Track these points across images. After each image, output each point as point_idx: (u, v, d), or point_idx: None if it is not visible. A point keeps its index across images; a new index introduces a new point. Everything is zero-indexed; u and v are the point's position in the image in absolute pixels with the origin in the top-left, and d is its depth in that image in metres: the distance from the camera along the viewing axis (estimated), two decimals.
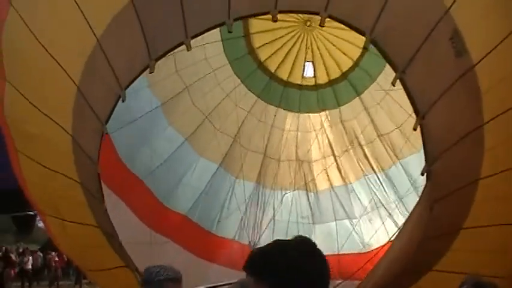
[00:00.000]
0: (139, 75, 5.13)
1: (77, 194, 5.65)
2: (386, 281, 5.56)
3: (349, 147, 8.85)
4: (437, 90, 4.21)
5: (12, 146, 6.24)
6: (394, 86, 4.80)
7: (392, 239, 6.60)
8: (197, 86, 8.12)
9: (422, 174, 4.76)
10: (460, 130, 4.16)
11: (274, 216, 8.72)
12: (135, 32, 4.80)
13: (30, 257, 22.58)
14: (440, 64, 4.33)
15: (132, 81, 5.16)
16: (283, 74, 8.66)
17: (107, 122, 5.35)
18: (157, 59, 4.97)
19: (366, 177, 8.73)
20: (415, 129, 4.63)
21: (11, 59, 5.66)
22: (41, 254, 24.33)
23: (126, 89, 5.13)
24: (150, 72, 5.08)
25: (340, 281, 7.06)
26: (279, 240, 1.72)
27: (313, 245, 1.66)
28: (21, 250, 25.91)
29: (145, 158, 7.97)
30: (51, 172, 5.64)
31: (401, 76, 4.49)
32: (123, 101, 5.21)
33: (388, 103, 8.11)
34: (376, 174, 8.64)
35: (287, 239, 1.67)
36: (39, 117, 5.30)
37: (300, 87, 8.74)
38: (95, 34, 4.67)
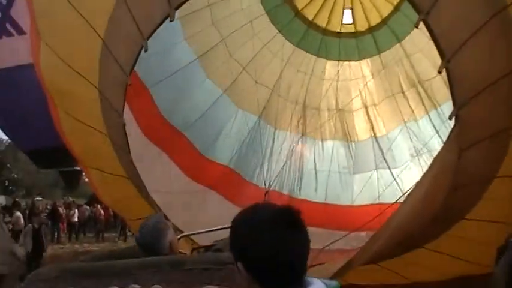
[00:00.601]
0: (160, 24, 5.25)
1: (108, 146, 5.91)
2: (409, 226, 5.55)
3: (390, 94, 8.74)
4: (465, 32, 4.03)
5: (52, 102, 6.53)
6: (417, 27, 4.70)
7: None
8: (234, 38, 8.13)
9: (450, 118, 4.65)
10: (491, 74, 3.99)
11: (315, 166, 8.81)
12: None
13: (76, 210, 23.60)
14: (469, 4, 4.15)
15: (154, 30, 5.27)
16: (322, 22, 8.55)
17: (130, 73, 5.52)
18: (176, 8, 5.06)
19: (407, 124, 8.62)
20: (440, 72, 4.55)
21: (42, 18, 5.88)
22: (88, 207, 25.34)
23: (148, 39, 5.24)
24: (171, 21, 5.21)
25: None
26: (256, 207, 1.58)
27: (294, 221, 1.49)
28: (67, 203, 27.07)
29: (184, 111, 8.15)
30: (85, 126, 5.91)
31: (425, 17, 4.37)
32: (145, 51, 5.35)
33: (430, 49, 7.93)
34: (416, 122, 8.54)
35: (270, 209, 1.52)
36: (70, 73, 5.53)
37: (338, 34, 8.61)
38: None
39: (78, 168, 22.50)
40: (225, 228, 4.54)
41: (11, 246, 7.92)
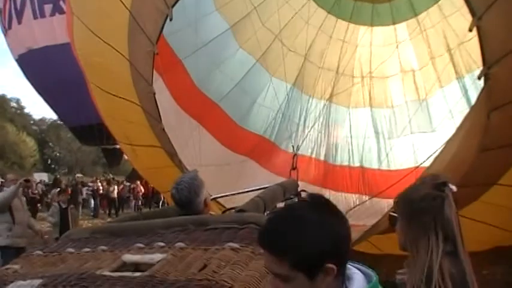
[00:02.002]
0: None
1: (139, 117, 6.16)
2: None
3: (428, 59, 8.66)
4: None
5: (87, 78, 6.87)
6: None
7: None
8: (265, 6, 8.21)
9: (479, 78, 4.57)
10: None
11: (350, 133, 8.92)
12: None
13: (116, 187, 24.39)
14: None
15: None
16: None
17: (157, 42, 5.70)
18: None
19: (445, 89, 8.53)
20: (470, 30, 4.47)
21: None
22: (127, 184, 26.12)
23: (172, 7, 5.45)
24: None
25: None
26: (291, 208, 1.56)
27: (327, 205, 1.47)
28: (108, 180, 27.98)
29: (218, 82, 8.36)
30: (117, 98, 6.21)
31: None
32: (170, 19, 5.53)
33: None
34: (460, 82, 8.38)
35: (298, 201, 1.48)
36: (100, 45, 5.81)
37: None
38: None
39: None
40: (254, 190, 4.78)
41: (29, 219, 8.36)
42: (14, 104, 58.08)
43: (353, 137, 8.96)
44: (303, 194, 4.82)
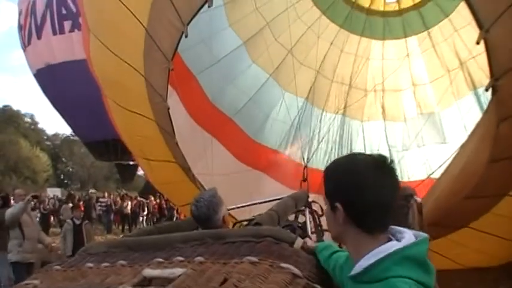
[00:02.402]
0: (199, 10, 5.59)
1: (154, 132, 6.31)
2: (448, 201, 5.58)
3: (441, 72, 8.73)
4: (503, 2, 4.02)
5: (104, 93, 7.04)
6: None
7: None
8: (278, 22, 8.36)
9: (486, 89, 4.66)
10: None
11: (364, 146, 8.99)
12: None
13: (129, 202, 24.54)
14: None
15: (193, 16, 5.61)
16: (365, 2, 8.65)
17: (172, 58, 5.86)
18: None
19: (458, 102, 8.59)
20: (478, 42, 4.54)
21: (90, 12, 6.38)
22: (143, 199, 26.26)
23: (188, 24, 5.59)
24: (209, 7, 5.52)
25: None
26: (354, 155, 1.82)
27: (388, 164, 1.70)
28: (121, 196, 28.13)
29: (232, 97, 8.50)
30: (133, 114, 6.36)
31: None
32: (185, 36, 5.67)
33: None
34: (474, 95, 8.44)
35: (368, 158, 1.72)
36: (117, 62, 5.98)
37: (383, 13, 8.69)
38: None
39: (134, 162, 23.62)
40: (264, 202, 4.88)
41: (39, 234, 8.46)
42: (28, 120, 58.75)
43: (367, 150, 9.00)
44: (314, 206, 4.99)
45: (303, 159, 8.14)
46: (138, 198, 26.91)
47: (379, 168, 1.67)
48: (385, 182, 1.66)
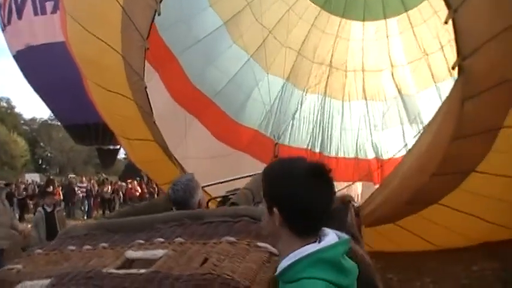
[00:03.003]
0: None
1: (134, 111, 6.34)
2: (414, 179, 5.68)
3: (419, 54, 8.85)
4: None
5: (83, 74, 7.04)
6: None
7: None
8: (258, 2, 8.36)
9: (453, 68, 4.78)
10: (496, 26, 4.10)
11: (343, 125, 9.14)
12: None
13: (109, 186, 24.43)
14: None
15: None
16: None
17: (147, 37, 5.86)
18: None
19: (437, 85, 8.71)
20: (446, 22, 4.65)
21: None
22: (123, 184, 26.17)
23: (160, 1, 5.66)
24: None
25: None
26: (292, 162, 1.84)
27: (324, 172, 1.75)
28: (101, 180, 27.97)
29: (213, 77, 8.55)
30: (112, 93, 6.39)
31: None
32: (158, 14, 5.72)
33: None
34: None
35: (305, 164, 1.77)
36: (95, 42, 6.00)
37: None
38: None
39: (117, 147, 23.51)
40: (239, 178, 4.98)
41: (12, 221, 8.46)
42: (4, 104, 57.76)
43: (346, 129, 9.16)
44: None
45: (273, 136, 8.35)
46: (119, 183, 26.83)
47: (315, 176, 1.72)
48: (320, 190, 1.72)
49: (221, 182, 5.39)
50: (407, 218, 6.07)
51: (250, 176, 4.65)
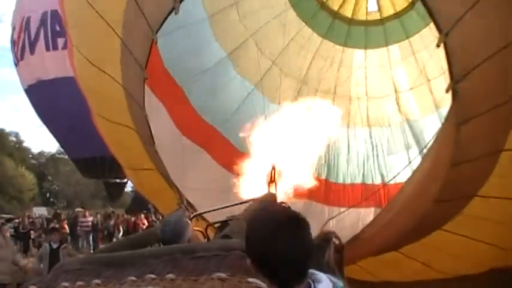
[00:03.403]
0: (166, 17, 5.71)
1: (136, 141, 6.46)
2: (414, 206, 5.70)
3: (422, 80, 8.95)
4: (464, 3, 4.09)
5: (90, 107, 7.20)
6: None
7: None
8: (261, 33, 8.57)
9: (446, 92, 4.74)
10: (489, 47, 4.11)
11: (348, 150, 9.21)
12: None
13: (115, 220, 24.49)
14: None
15: (161, 24, 5.76)
16: (347, 12, 8.89)
17: (145, 67, 5.99)
18: (181, 0, 5.49)
19: (439, 111, 8.75)
20: (438, 46, 4.64)
21: (72, 25, 6.57)
22: (129, 216, 26.22)
23: (157, 32, 5.76)
24: (176, 14, 5.60)
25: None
26: (266, 213, 1.92)
27: (299, 221, 1.79)
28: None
29: (218, 109, 8.67)
30: (115, 124, 6.50)
31: None
32: (155, 43, 5.85)
33: None
34: None
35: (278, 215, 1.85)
36: (98, 74, 6.16)
37: (365, 23, 8.93)
38: None
39: (124, 180, 23.67)
40: (235, 204, 5.05)
41: (14, 256, 8.49)
42: (12, 138, 58.42)
43: (353, 156, 9.23)
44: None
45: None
46: (126, 216, 26.85)
47: (290, 227, 1.75)
48: (295, 241, 1.73)
49: (215, 210, 5.50)
50: (410, 245, 6.06)
51: (244, 202, 4.74)
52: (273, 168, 6.81)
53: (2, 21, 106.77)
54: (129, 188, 32.16)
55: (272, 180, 6.54)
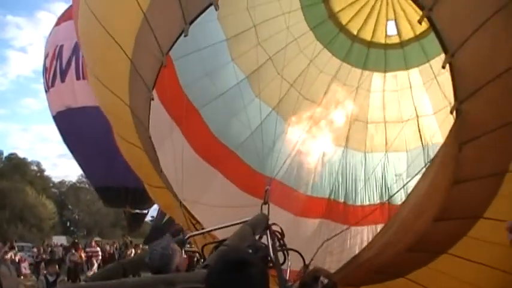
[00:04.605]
0: (176, 40, 5.83)
1: (147, 160, 6.60)
2: (414, 222, 5.68)
3: (444, 104, 8.92)
4: (469, 26, 4.19)
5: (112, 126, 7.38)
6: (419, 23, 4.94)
7: None
8: (280, 56, 8.68)
9: (451, 112, 4.86)
10: (494, 69, 4.19)
11: (365, 175, 9.21)
12: (172, 1, 5.49)
13: (133, 250, 24.55)
14: None
15: (171, 46, 5.89)
16: (366, 35, 9.02)
17: (153, 87, 6.14)
18: (191, 22, 5.58)
19: None
20: (443, 67, 4.74)
21: (86, 49, 6.79)
22: (146, 247, 26.28)
23: (166, 54, 5.89)
24: (185, 36, 5.68)
25: None
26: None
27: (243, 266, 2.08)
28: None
29: (235, 131, 8.81)
30: (130, 144, 6.65)
31: (428, 14, 4.49)
32: (164, 66, 5.95)
33: None
34: None
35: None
36: (111, 96, 6.32)
37: (384, 46, 9.02)
38: (141, 9, 5.47)
39: (144, 211, 23.92)
40: (234, 224, 5.14)
41: (18, 286, 8.59)
42: (34, 167, 59.39)
43: (371, 180, 9.20)
44: (274, 228, 5.53)
45: (310, 189, 8.43)
46: (141, 246, 26.89)
47: (237, 269, 2.05)
48: (241, 281, 2.02)
49: (209, 231, 6.06)
50: (418, 270, 5.99)
51: (239, 223, 4.87)
52: (266, 190, 6.90)
53: (26, 52, 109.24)
54: (148, 217, 32.33)
55: (265, 202, 6.64)
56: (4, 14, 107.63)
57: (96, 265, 23.15)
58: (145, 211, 24.58)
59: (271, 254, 4.71)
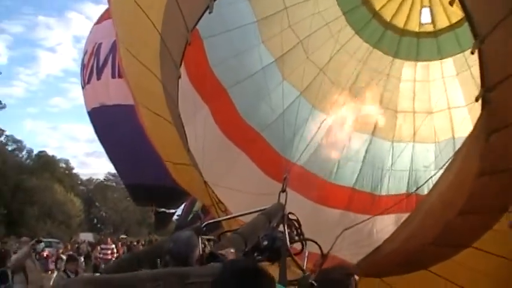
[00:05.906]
0: (201, 17, 6.05)
1: (172, 135, 6.67)
2: (438, 214, 5.65)
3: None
4: (500, 12, 4.00)
5: (136, 103, 7.52)
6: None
7: None
8: (311, 40, 8.79)
9: (476, 100, 4.71)
10: None
11: (391, 165, 9.16)
12: None
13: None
14: None
15: (196, 23, 6.11)
16: (399, 22, 9.04)
17: (180, 64, 6.38)
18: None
19: None
20: (472, 52, 4.60)
21: (118, 23, 6.97)
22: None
23: (192, 30, 6.08)
24: (210, 13, 5.88)
25: None
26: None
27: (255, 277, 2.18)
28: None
29: (262, 113, 8.94)
30: (158, 117, 6.80)
31: None
32: (189, 44, 6.13)
33: None
34: None
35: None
36: (143, 71, 6.47)
37: (417, 34, 9.02)
38: None
39: (171, 210, 24.23)
40: (251, 213, 5.23)
41: (41, 280, 8.84)
42: (63, 165, 60.46)
43: (397, 170, 9.15)
44: (291, 217, 5.66)
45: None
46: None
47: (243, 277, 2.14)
48: None
49: (225, 219, 6.26)
50: (442, 263, 5.97)
51: (257, 211, 4.93)
52: (285, 178, 6.92)
53: (55, 52, 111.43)
54: (175, 216, 32.64)
55: (283, 190, 6.66)
56: (36, 14, 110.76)
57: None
58: (173, 210, 24.82)
59: (288, 244, 4.83)
